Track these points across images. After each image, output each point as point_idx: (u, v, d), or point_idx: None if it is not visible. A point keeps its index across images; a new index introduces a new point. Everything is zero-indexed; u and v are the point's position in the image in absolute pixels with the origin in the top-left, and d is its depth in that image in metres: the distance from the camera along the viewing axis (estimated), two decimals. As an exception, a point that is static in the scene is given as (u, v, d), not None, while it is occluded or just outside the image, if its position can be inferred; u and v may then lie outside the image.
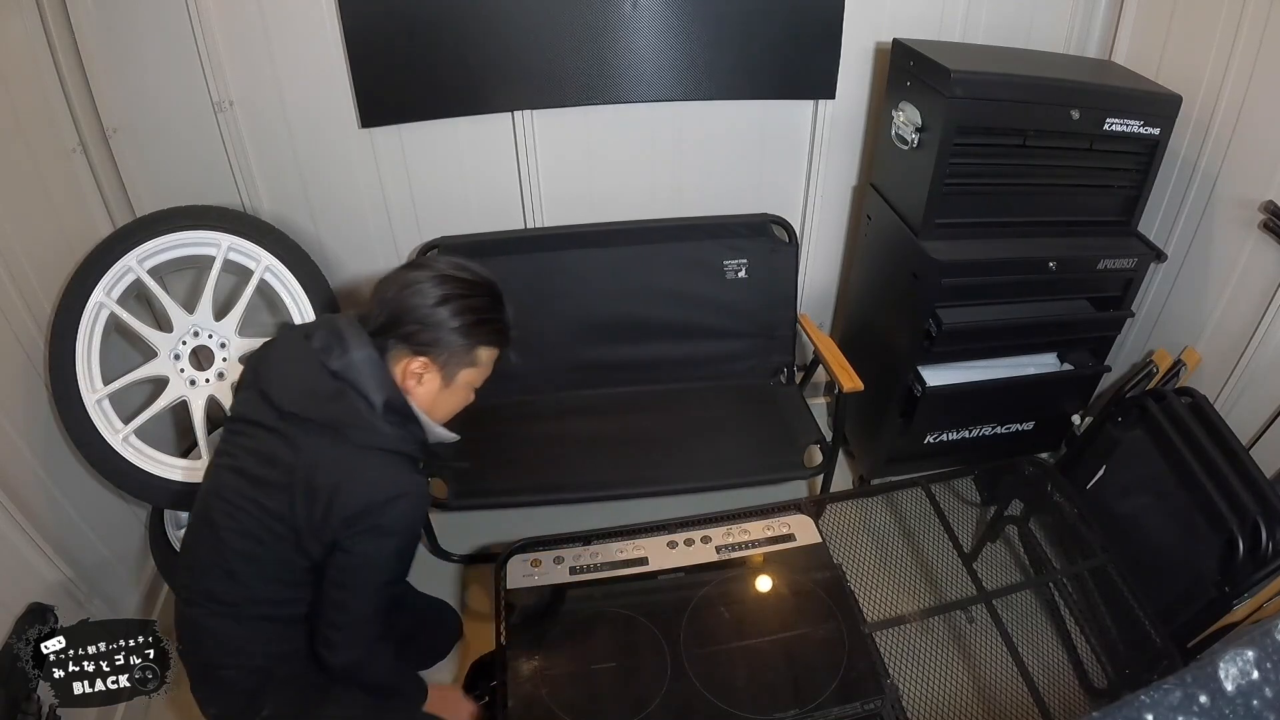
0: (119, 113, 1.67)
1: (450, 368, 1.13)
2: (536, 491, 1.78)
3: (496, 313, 1.16)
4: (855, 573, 1.53)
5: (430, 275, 1.11)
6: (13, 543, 1.34)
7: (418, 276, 1.11)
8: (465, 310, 1.11)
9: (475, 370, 1.17)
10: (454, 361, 1.13)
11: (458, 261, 1.17)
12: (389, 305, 1.11)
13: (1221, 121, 1.61)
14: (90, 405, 1.52)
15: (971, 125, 1.54)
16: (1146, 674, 1.38)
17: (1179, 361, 1.76)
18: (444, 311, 1.10)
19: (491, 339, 1.16)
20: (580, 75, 1.76)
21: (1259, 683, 0.56)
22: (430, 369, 1.12)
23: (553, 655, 1.34)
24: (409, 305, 1.09)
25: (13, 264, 1.43)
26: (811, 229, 2.11)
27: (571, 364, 2.00)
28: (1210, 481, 1.49)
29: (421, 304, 1.09)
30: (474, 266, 1.17)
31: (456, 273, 1.13)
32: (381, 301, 1.11)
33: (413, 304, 1.09)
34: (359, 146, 1.80)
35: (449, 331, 1.10)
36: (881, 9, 1.80)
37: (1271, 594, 1.38)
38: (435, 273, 1.12)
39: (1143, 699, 0.55)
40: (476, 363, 1.16)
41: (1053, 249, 1.66)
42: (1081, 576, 1.59)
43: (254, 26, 1.62)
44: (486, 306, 1.14)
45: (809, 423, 1.89)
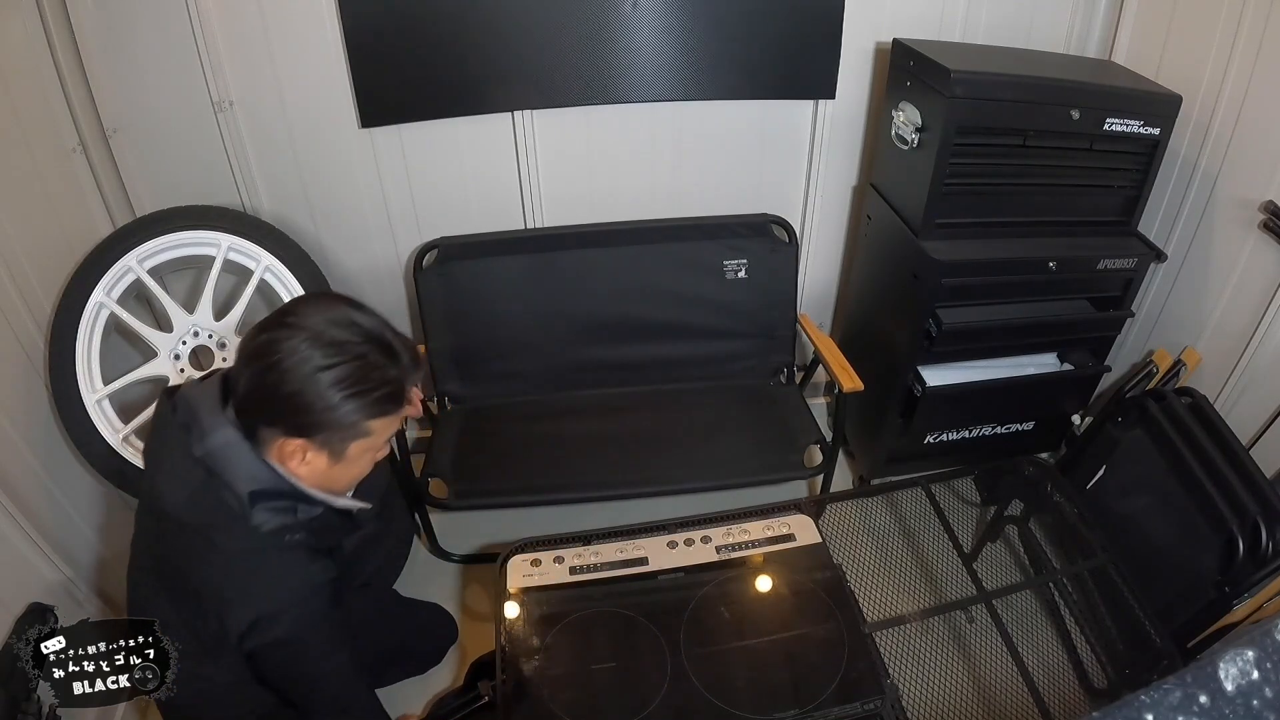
0: (119, 113, 1.67)
1: (335, 445, 0.96)
2: (536, 491, 1.78)
3: (382, 375, 0.94)
4: (855, 573, 1.53)
5: (295, 342, 0.90)
6: (13, 543, 1.34)
7: (280, 346, 0.90)
8: (340, 383, 0.91)
9: (369, 439, 0.99)
10: (338, 439, 0.96)
11: (332, 315, 0.94)
12: (249, 381, 0.92)
13: (1221, 121, 1.61)
14: (90, 405, 1.53)
15: (971, 125, 1.54)
16: (1146, 674, 1.38)
17: (1179, 361, 1.76)
18: (315, 389, 0.90)
19: (379, 409, 0.96)
20: (580, 75, 1.76)
21: (1259, 683, 0.56)
22: (311, 448, 0.95)
23: (553, 655, 1.34)
24: (269, 384, 0.90)
25: (13, 264, 1.43)
26: (811, 229, 2.11)
27: (571, 364, 2.00)
28: (1210, 481, 1.48)
29: (285, 384, 0.90)
30: (353, 316, 0.95)
31: (329, 332, 0.92)
32: (241, 372, 0.93)
33: (272, 382, 0.90)
34: (359, 146, 1.80)
35: (323, 412, 0.92)
36: (881, 9, 1.80)
37: (1271, 594, 1.38)
38: (301, 338, 0.90)
39: (1143, 699, 0.55)
40: (368, 434, 0.97)
41: (1053, 249, 1.65)
42: (1081, 576, 1.59)
43: (254, 26, 1.62)
44: (363, 374, 0.93)
45: (809, 423, 1.89)
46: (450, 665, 1.66)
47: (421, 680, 1.61)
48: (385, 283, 2.01)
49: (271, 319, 0.94)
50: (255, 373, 0.91)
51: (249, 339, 0.94)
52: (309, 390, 0.90)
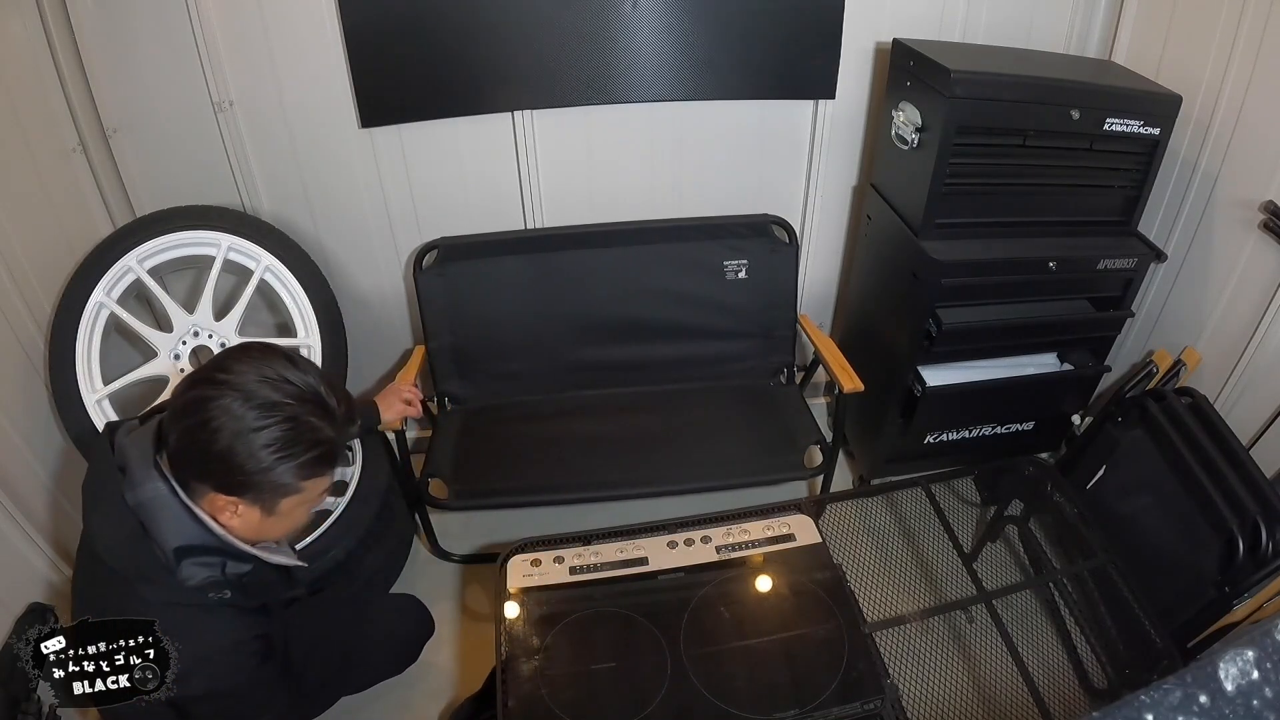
0: (119, 113, 1.67)
1: (267, 503, 0.96)
2: (536, 491, 1.78)
3: (315, 435, 0.93)
4: (855, 573, 1.52)
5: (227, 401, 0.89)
6: (13, 543, 1.34)
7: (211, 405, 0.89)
8: (271, 445, 0.90)
9: (302, 496, 0.98)
10: (269, 497, 0.95)
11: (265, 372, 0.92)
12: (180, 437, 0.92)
13: (1221, 121, 1.61)
14: (90, 405, 1.53)
15: (971, 125, 1.54)
16: (1146, 674, 1.37)
17: (1179, 361, 1.76)
18: (246, 450, 0.89)
19: (311, 470, 0.95)
20: (580, 75, 1.76)
21: (1259, 683, 0.56)
22: (243, 504, 0.95)
23: (553, 655, 1.34)
24: (200, 442, 0.90)
25: (13, 264, 1.43)
26: (811, 229, 2.11)
27: (571, 364, 2.00)
28: (1210, 481, 1.48)
29: (217, 443, 0.89)
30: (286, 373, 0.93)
31: (261, 391, 0.90)
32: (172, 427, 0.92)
33: (204, 441, 0.89)
34: (359, 146, 1.80)
35: (255, 473, 0.91)
36: (881, 9, 1.80)
37: (1271, 594, 1.38)
38: (233, 397, 0.89)
39: (1143, 699, 0.55)
40: (300, 491, 0.97)
41: (1053, 249, 1.66)
42: (1081, 576, 1.59)
43: (254, 26, 1.62)
44: (296, 436, 0.92)
45: (809, 423, 1.89)
46: (450, 662, 1.66)
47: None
48: (385, 282, 2.02)
49: (203, 373, 0.93)
50: (186, 430, 0.91)
51: (180, 392, 0.93)
52: (240, 451, 0.89)
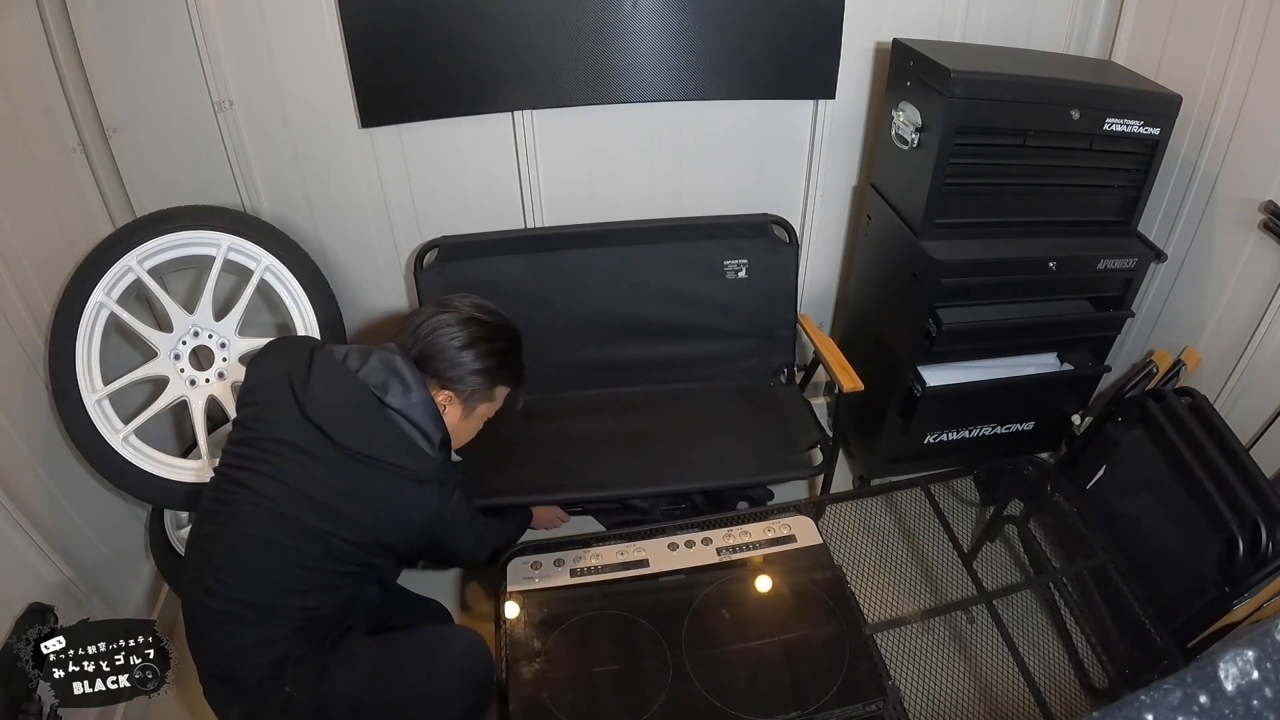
0: (119, 113, 1.67)
1: (471, 402, 1.25)
2: (537, 492, 1.78)
3: (515, 355, 1.29)
4: (856, 574, 1.53)
5: (457, 318, 1.22)
6: (13, 543, 1.34)
7: (446, 319, 1.22)
8: (489, 353, 1.23)
9: (491, 404, 1.30)
10: (475, 397, 1.25)
11: (482, 304, 1.27)
12: (420, 343, 1.21)
13: (1221, 121, 1.61)
14: (90, 405, 1.52)
15: (971, 125, 1.54)
16: (1146, 674, 1.38)
17: (1179, 361, 1.76)
18: (469, 354, 1.21)
19: (509, 379, 1.29)
20: (580, 75, 1.76)
21: (1259, 683, 0.56)
22: (454, 401, 1.23)
23: (554, 658, 1.34)
24: (439, 346, 1.20)
25: (13, 264, 1.42)
26: (811, 229, 2.11)
27: (571, 364, 2.00)
28: (1210, 481, 1.48)
29: (449, 345, 1.20)
30: (497, 309, 1.28)
31: (481, 315, 1.25)
32: (413, 339, 1.22)
33: (441, 345, 1.20)
34: (359, 146, 1.80)
35: (473, 372, 1.22)
36: (881, 9, 1.80)
37: (1271, 594, 1.38)
38: (462, 315, 1.23)
39: (1143, 699, 0.55)
40: (493, 399, 1.29)
41: (1053, 249, 1.66)
42: (1081, 576, 1.59)
43: (254, 26, 1.62)
44: (507, 350, 1.26)
45: (809, 423, 1.89)
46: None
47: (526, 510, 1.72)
48: (385, 282, 2.01)
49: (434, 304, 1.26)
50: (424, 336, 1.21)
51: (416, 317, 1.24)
52: (463, 355, 1.21)
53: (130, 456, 1.55)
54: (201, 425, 1.61)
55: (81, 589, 1.48)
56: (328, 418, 1.12)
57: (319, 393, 1.14)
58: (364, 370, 1.16)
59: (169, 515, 1.72)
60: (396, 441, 1.15)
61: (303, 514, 1.11)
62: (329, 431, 1.11)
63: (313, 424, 1.12)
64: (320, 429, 1.11)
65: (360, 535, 1.14)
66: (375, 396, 1.14)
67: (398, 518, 1.17)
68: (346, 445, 1.11)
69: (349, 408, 1.14)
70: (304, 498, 1.11)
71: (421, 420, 1.17)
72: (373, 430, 1.14)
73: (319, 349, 1.21)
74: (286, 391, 1.14)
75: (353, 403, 1.14)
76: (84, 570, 1.51)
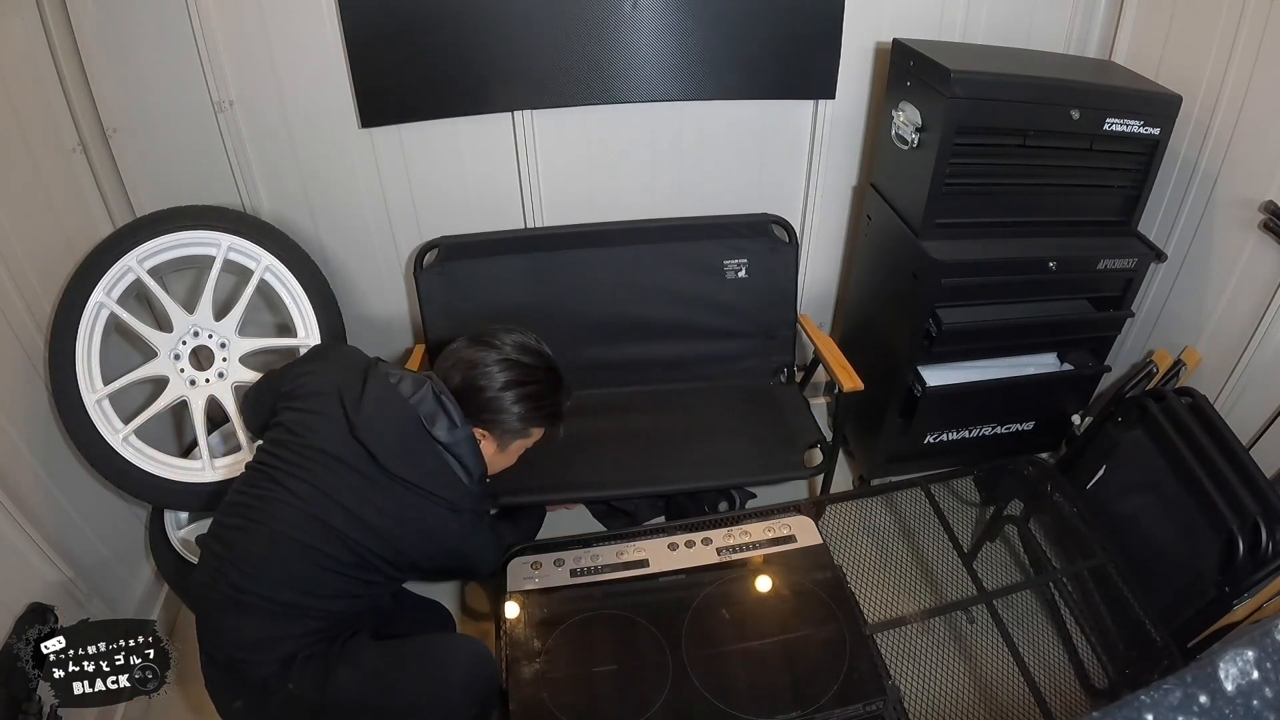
0: (119, 113, 1.67)
1: (505, 439, 1.29)
2: (537, 492, 1.78)
3: (554, 397, 1.31)
4: (856, 574, 1.53)
5: (498, 359, 1.25)
6: (13, 543, 1.34)
7: (486, 358, 1.25)
8: (526, 398, 1.26)
9: (526, 440, 1.33)
10: (510, 435, 1.29)
11: (524, 342, 1.30)
12: (458, 382, 1.24)
13: (1221, 121, 1.61)
14: (90, 405, 1.52)
15: (971, 125, 1.54)
16: (1146, 674, 1.38)
17: (1179, 361, 1.76)
18: (508, 397, 1.24)
19: (545, 421, 1.32)
20: (580, 75, 1.76)
21: (1259, 683, 0.56)
22: (489, 439, 1.27)
23: (554, 658, 1.34)
24: (477, 386, 1.24)
25: (13, 264, 1.42)
26: (811, 229, 2.11)
27: (571, 364, 1.97)
28: (1210, 481, 1.48)
29: (489, 386, 1.23)
30: (538, 348, 1.31)
31: (521, 357, 1.27)
32: (450, 376, 1.25)
33: (480, 385, 1.24)
34: (359, 146, 1.80)
35: (510, 415, 1.25)
36: (881, 9, 1.80)
37: (1271, 594, 1.38)
38: (502, 356, 1.25)
39: (1143, 699, 0.55)
40: (529, 436, 1.33)
41: (1053, 249, 1.65)
42: (1081, 576, 1.59)
43: (254, 26, 1.62)
44: (545, 393, 1.29)
45: (809, 423, 1.89)
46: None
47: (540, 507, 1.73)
48: (385, 282, 2.02)
49: (475, 339, 1.29)
50: (467, 376, 1.25)
51: (458, 352, 1.28)
52: (502, 398, 1.24)
53: (130, 456, 1.55)
54: (201, 425, 1.61)
55: (81, 589, 1.48)
56: (376, 439, 1.15)
57: (371, 413, 1.17)
58: (415, 398, 1.19)
59: (169, 515, 1.72)
60: (439, 473, 1.18)
61: (335, 520, 1.14)
62: (376, 453, 1.14)
63: (360, 443, 1.15)
64: (366, 448, 1.14)
65: (387, 550, 1.17)
66: (423, 426, 1.18)
67: (429, 539, 1.20)
68: (390, 469, 1.15)
69: (397, 434, 1.17)
70: (338, 505, 1.14)
71: (464, 456, 1.21)
72: (418, 459, 1.17)
73: (373, 368, 1.24)
74: (337, 406, 1.17)
75: (401, 430, 1.17)
76: (84, 570, 1.51)
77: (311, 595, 1.16)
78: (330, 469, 1.15)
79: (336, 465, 1.15)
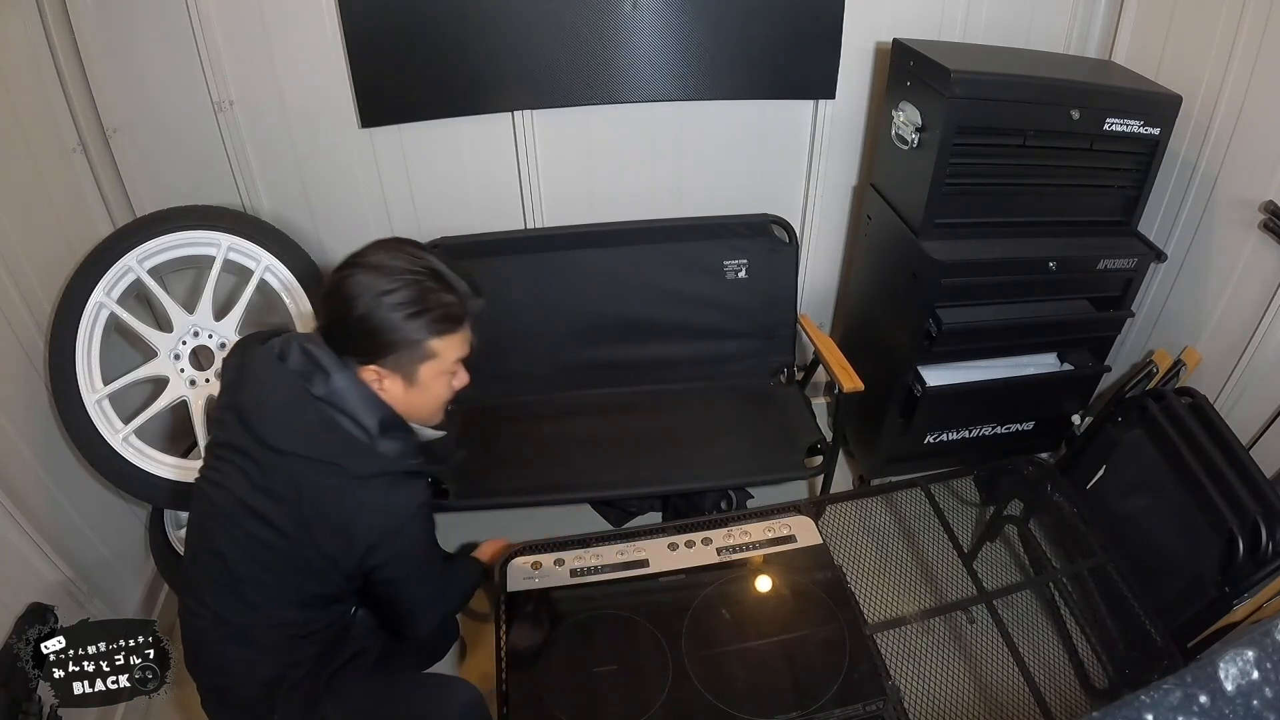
0: (119, 113, 1.67)
1: (405, 368, 1.05)
2: (537, 492, 1.78)
3: (435, 297, 1.03)
4: (856, 574, 1.52)
5: (350, 275, 1.02)
6: (13, 543, 1.34)
7: (339, 278, 1.02)
8: (396, 307, 1.01)
9: (436, 361, 1.07)
10: (406, 361, 1.05)
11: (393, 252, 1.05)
12: (325, 316, 1.05)
13: (1221, 121, 1.61)
14: (90, 405, 1.52)
15: (971, 125, 1.54)
16: (1146, 674, 1.37)
17: (1179, 361, 1.76)
18: (378, 313, 1.00)
19: (437, 328, 1.04)
20: (580, 75, 1.76)
21: (1259, 683, 0.56)
22: (385, 375, 1.05)
23: (554, 658, 1.34)
24: (337, 314, 1.03)
25: (13, 264, 1.42)
26: (811, 229, 2.11)
27: (572, 364, 2.00)
28: (1210, 481, 1.48)
29: (353, 309, 1.01)
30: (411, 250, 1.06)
31: (384, 261, 1.02)
32: (320, 311, 1.06)
33: (340, 312, 1.02)
34: (359, 146, 1.80)
35: (385, 336, 1.02)
36: (881, 9, 1.80)
37: (1271, 594, 1.38)
38: (356, 269, 1.02)
39: (1143, 699, 0.55)
40: (433, 355, 1.06)
41: (1053, 249, 1.66)
42: (1081, 576, 1.59)
43: (254, 26, 1.62)
44: (419, 296, 1.02)
45: (809, 423, 1.89)
46: (449, 664, 1.66)
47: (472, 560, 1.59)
48: (385, 283, 2.01)
49: (342, 263, 1.05)
50: (330, 308, 1.04)
51: (325, 283, 1.07)
52: (374, 314, 1.00)
53: (130, 456, 1.55)
54: (201, 425, 1.61)
55: (81, 589, 1.48)
56: (256, 416, 1.03)
57: (251, 389, 1.05)
58: (290, 361, 1.04)
59: (169, 515, 1.72)
60: (323, 433, 1.01)
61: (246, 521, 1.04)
62: (256, 430, 1.02)
63: (247, 426, 1.03)
64: (253, 430, 1.02)
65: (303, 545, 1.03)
66: (305, 388, 1.02)
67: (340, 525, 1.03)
68: (272, 443, 1.01)
69: (278, 404, 1.03)
70: (240, 504, 1.04)
71: (348, 404, 1.02)
72: (298, 424, 1.02)
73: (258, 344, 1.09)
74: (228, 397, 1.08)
75: (282, 399, 1.03)
76: (84, 570, 1.51)
77: (254, 608, 1.07)
78: (234, 463, 1.05)
79: (239, 458, 1.04)
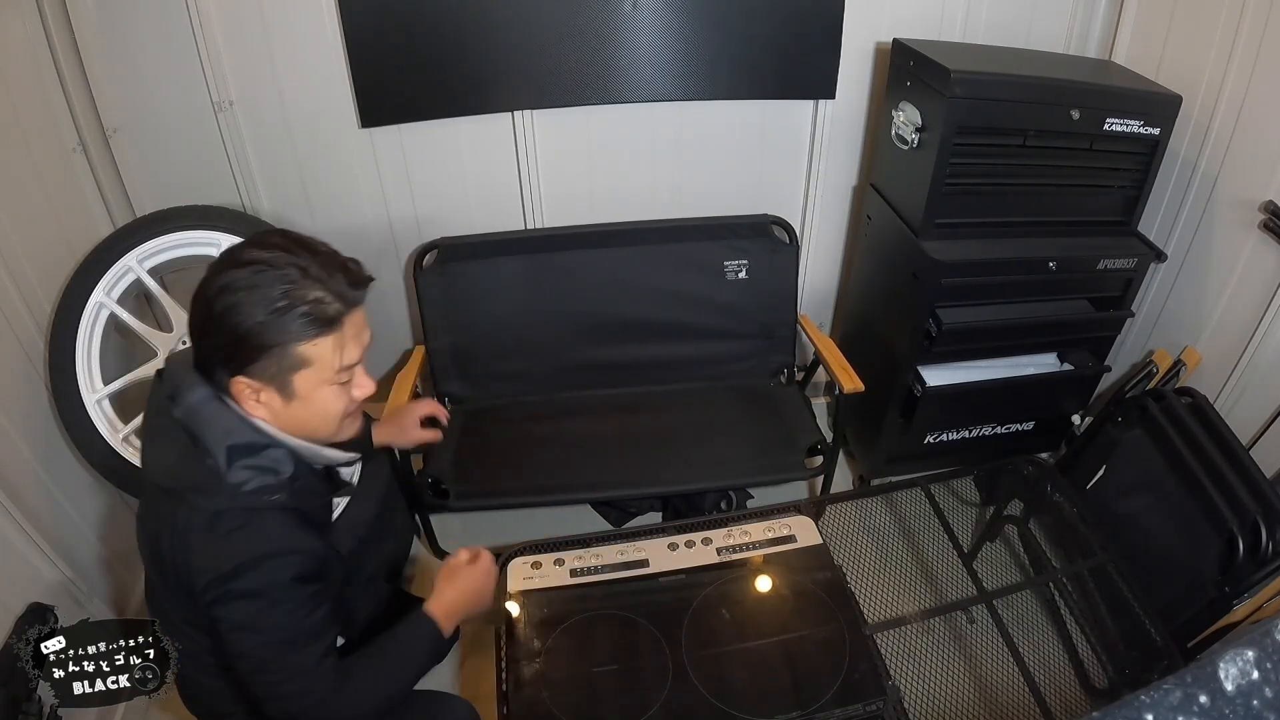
0: (119, 113, 1.67)
1: (277, 379, 0.90)
2: (537, 492, 1.78)
3: (300, 293, 0.87)
4: (856, 574, 1.52)
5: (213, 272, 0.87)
6: (13, 543, 1.34)
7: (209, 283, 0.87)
8: (255, 306, 0.85)
9: (313, 370, 0.90)
10: (276, 371, 0.89)
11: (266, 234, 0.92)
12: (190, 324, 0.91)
13: (1221, 121, 1.61)
14: (90, 405, 1.53)
15: (971, 125, 1.54)
16: (1146, 674, 1.37)
17: (1179, 361, 1.76)
18: (232, 317, 0.85)
19: (304, 331, 0.88)
20: (580, 75, 1.76)
21: (1259, 683, 0.56)
22: (256, 386, 0.90)
23: (554, 658, 1.34)
24: (200, 320, 0.88)
25: (13, 264, 1.43)
26: (811, 229, 2.11)
27: (572, 364, 2.00)
28: (1210, 481, 1.48)
29: (208, 312, 0.86)
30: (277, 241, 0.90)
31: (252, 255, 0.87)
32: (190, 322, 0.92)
33: (202, 317, 0.88)
34: (359, 146, 1.80)
35: (247, 341, 0.86)
36: (881, 9, 1.80)
37: (1271, 594, 1.38)
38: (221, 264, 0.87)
39: (1143, 699, 0.55)
40: (306, 361, 0.89)
41: (1053, 249, 1.66)
42: (1081, 576, 1.59)
43: (254, 26, 1.62)
44: (282, 293, 0.86)
45: (809, 423, 1.89)
46: (449, 665, 1.66)
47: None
48: (385, 284, 2.02)
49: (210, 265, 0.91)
50: (192, 309, 0.89)
51: None
52: (231, 314, 0.85)
53: (130, 456, 1.56)
54: (201, 425, 1.61)
55: (81, 589, 1.48)
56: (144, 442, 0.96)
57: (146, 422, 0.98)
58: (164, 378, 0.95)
59: (169, 515, 1.72)
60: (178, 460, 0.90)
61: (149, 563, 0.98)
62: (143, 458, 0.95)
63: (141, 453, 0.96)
64: None
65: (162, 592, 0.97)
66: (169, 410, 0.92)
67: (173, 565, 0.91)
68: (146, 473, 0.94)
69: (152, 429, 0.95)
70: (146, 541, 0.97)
71: (196, 426, 0.89)
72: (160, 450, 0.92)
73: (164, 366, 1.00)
74: None
75: (153, 423, 0.95)
76: (84, 570, 1.51)
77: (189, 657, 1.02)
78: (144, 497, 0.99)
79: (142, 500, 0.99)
